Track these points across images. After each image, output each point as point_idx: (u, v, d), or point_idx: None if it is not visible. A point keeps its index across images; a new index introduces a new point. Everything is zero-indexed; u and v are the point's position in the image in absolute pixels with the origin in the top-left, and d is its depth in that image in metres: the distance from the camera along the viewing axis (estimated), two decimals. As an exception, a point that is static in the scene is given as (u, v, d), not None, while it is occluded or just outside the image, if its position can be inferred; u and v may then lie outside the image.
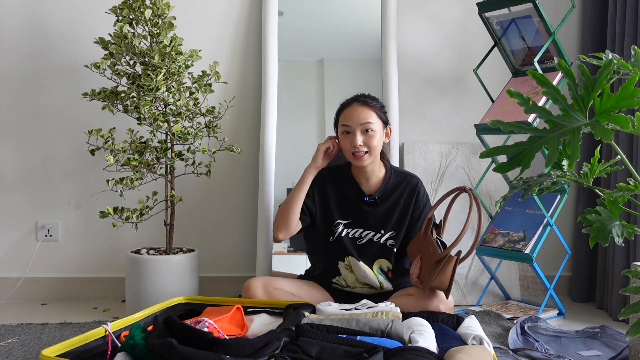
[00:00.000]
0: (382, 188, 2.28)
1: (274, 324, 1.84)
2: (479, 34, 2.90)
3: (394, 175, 2.31)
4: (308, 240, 2.39)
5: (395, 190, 2.28)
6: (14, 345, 2.08)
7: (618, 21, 2.66)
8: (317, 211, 2.29)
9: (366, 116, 2.21)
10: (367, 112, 2.22)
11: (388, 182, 2.28)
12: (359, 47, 2.96)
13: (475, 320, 1.87)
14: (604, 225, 1.58)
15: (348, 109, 2.26)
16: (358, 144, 2.19)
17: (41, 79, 2.79)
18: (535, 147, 1.50)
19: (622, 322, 2.48)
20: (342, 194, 2.30)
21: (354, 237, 2.26)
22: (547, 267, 2.78)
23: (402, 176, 2.31)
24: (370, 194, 2.28)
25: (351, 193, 2.29)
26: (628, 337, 1.46)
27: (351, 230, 2.27)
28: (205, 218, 2.89)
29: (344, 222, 2.28)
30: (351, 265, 2.24)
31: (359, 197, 2.28)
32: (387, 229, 2.25)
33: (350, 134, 2.22)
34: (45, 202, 2.81)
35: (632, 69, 1.57)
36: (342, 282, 2.27)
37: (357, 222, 2.27)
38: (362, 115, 2.21)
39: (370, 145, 2.21)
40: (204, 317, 1.71)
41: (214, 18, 2.88)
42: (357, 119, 2.21)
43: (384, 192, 2.27)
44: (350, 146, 2.22)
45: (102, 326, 1.68)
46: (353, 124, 2.21)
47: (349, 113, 2.24)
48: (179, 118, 2.44)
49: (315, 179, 2.32)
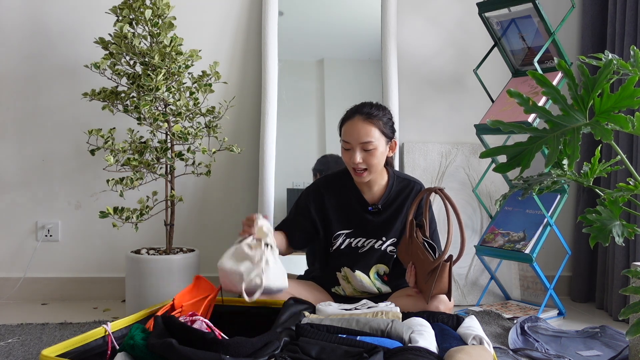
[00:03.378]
0: (385, 196, 2.21)
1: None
2: (479, 34, 2.90)
3: (397, 181, 2.24)
4: (310, 247, 2.38)
5: (398, 197, 2.22)
6: (14, 345, 2.08)
7: (618, 21, 2.66)
8: (318, 225, 2.24)
9: (367, 134, 2.09)
10: (368, 128, 2.10)
11: (391, 190, 2.22)
12: (359, 47, 2.96)
13: (475, 320, 1.87)
14: (605, 225, 1.58)
15: (349, 122, 2.13)
16: (357, 161, 2.10)
17: (41, 79, 2.79)
18: (535, 147, 1.50)
19: (622, 322, 2.48)
20: (343, 204, 2.23)
21: (356, 247, 2.22)
22: (547, 267, 2.78)
23: (405, 182, 2.24)
24: (373, 202, 2.21)
25: (353, 202, 2.22)
26: (628, 337, 1.46)
27: (353, 240, 2.22)
28: (205, 218, 2.89)
29: (345, 232, 2.22)
30: (347, 276, 2.21)
31: (362, 207, 2.21)
32: (389, 236, 2.21)
33: (350, 150, 2.12)
34: (45, 202, 2.81)
35: (631, 69, 1.57)
36: (340, 291, 2.26)
37: (359, 231, 2.22)
38: (363, 132, 2.09)
39: (370, 163, 2.11)
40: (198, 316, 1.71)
41: (214, 18, 2.88)
42: (357, 137, 2.09)
43: (387, 200, 2.21)
44: (350, 162, 2.13)
45: (102, 326, 1.68)
46: (352, 141, 2.11)
47: (349, 129, 2.13)
48: (179, 118, 2.44)
49: (312, 193, 2.25)
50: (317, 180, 2.32)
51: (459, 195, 2.91)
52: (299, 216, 2.26)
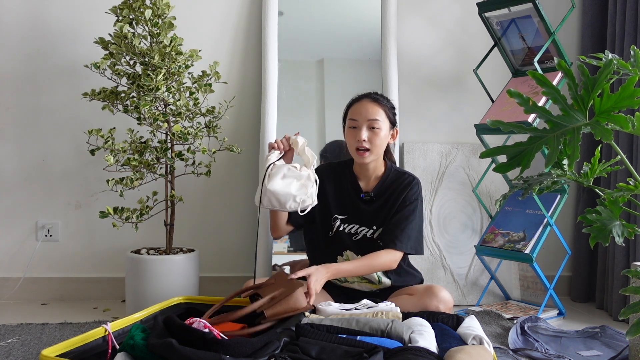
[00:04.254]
0: (379, 185, 2.28)
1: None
2: (479, 34, 2.90)
3: (393, 173, 2.30)
4: (307, 236, 2.39)
5: (391, 187, 2.27)
6: (14, 345, 2.08)
7: (618, 21, 2.66)
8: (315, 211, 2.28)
9: (374, 112, 2.21)
10: (376, 109, 2.22)
11: (385, 180, 2.28)
12: (359, 47, 2.96)
13: (475, 320, 1.87)
14: (605, 225, 1.58)
15: (358, 103, 2.26)
16: (362, 138, 2.19)
17: (41, 79, 2.79)
18: (535, 147, 1.50)
19: (622, 322, 2.48)
20: (340, 190, 2.31)
21: (350, 233, 2.26)
22: (547, 267, 2.78)
23: (399, 175, 2.29)
24: (367, 191, 2.29)
25: (349, 189, 2.30)
26: (628, 337, 1.46)
27: (347, 226, 2.27)
28: (205, 218, 2.89)
29: (341, 217, 2.29)
30: (349, 259, 2.24)
31: (355, 194, 2.29)
32: (378, 225, 2.25)
33: (356, 129, 2.22)
34: (45, 202, 2.81)
35: (632, 69, 1.57)
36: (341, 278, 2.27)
37: (353, 218, 2.28)
38: (371, 111, 2.21)
39: (373, 142, 2.20)
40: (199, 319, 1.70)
41: (214, 18, 2.88)
42: (365, 114, 2.21)
43: (380, 190, 2.27)
44: (354, 141, 2.22)
45: (102, 326, 1.68)
46: (360, 119, 2.21)
47: (357, 107, 2.24)
48: (179, 118, 2.44)
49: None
50: (319, 167, 2.38)
51: (459, 195, 2.91)
52: None
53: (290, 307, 1.81)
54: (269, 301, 1.80)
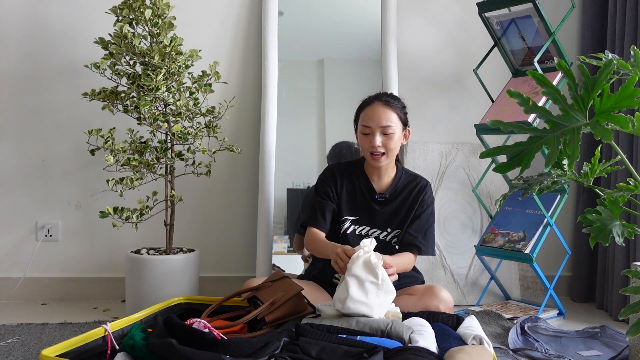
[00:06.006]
0: (393, 187, 2.28)
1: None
2: (479, 34, 2.90)
3: (405, 175, 2.31)
4: None
5: (405, 189, 2.28)
6: (14, 345, 2.08)
7: (618, 21, 2.66)
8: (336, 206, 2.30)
9: (387, 118, 2.20)
10: (389, 113, 2.20)
11: (399, 182, 2.29)
12: (359, 47, 2.96)
13: (475, 320, 1.87)
14: (605, 225, 1.58)
15: (369, 107, 2.23)
16: (377, 144, 2.18)
17: (41, 79, 2.79)
18: (535, 147, 1.50)
19: (622, 322, 2.48)
20: (353, 190, 2.30)
21: (360, 234, 2.26)
22: (547, 267, 2.78)
23: (412, 177, 2.32)
24: (381, 192, 2.28)
25: (362, 189, 2.29)
26: (628, 337, 1.46)
27: (358, 227, 2.27)
28: (205, 218, 2.89)
29: (351, 218, 2.28)
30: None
31: (369, 194, 2.28)
32: (393, 228, 2.26)
33: (370, 135, 2.21)
34: (45, 202, 2.81)
35: (632, 69, 1.57)
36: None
37: (365, 220, 2.27)
38: (383, 117, 2.20)
39: (388, 147, 2.20)
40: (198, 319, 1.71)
41: (214, 18, 2.88)
42: (378, 121, 2.19)
43: (394, 191, 2.28)
44: (368, 146, 2.21)
45: (102, 326, 1.68)
46: (373, 125, 2.20)
47: (370, 113, 2.22)
48: (179, 118, 2.44)
49: (329, 176, 2.31)
50: (331, 166, 2.37)
51: (459, 195, 2.91)
52: (327, 200, 2.27)
53: (291, 312, 1.82)
54: (269, 307, 1.80)
